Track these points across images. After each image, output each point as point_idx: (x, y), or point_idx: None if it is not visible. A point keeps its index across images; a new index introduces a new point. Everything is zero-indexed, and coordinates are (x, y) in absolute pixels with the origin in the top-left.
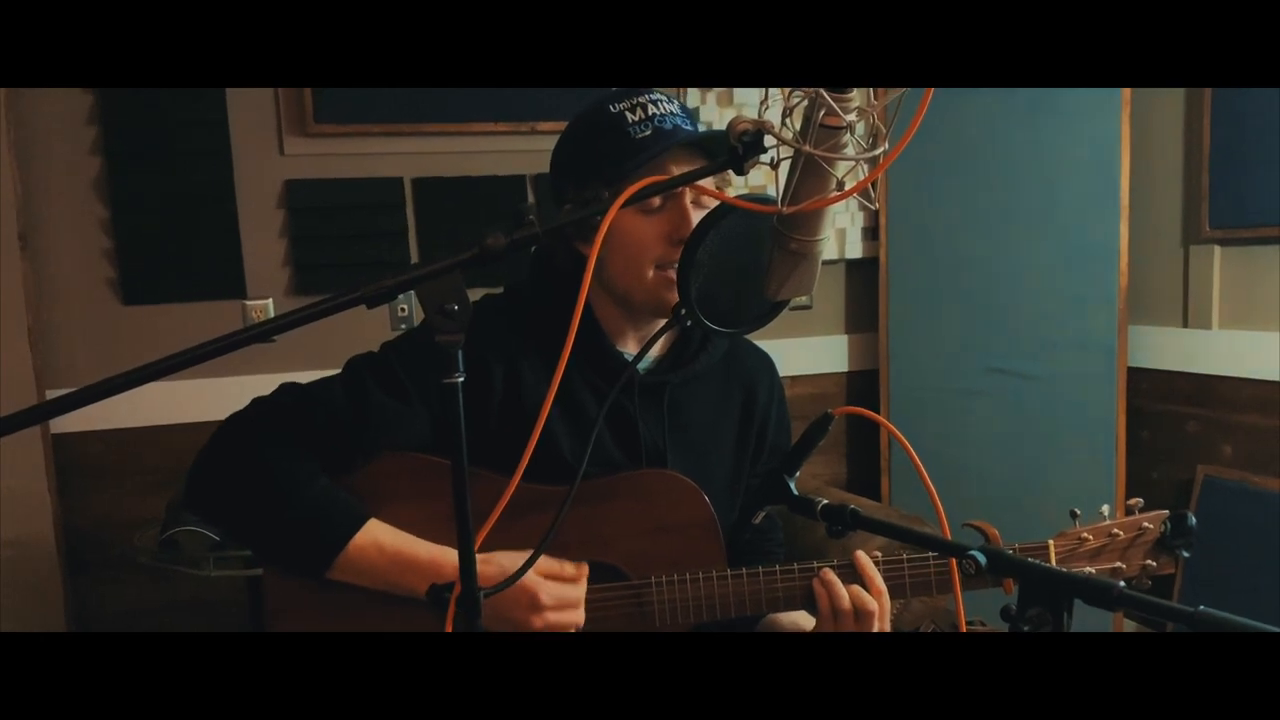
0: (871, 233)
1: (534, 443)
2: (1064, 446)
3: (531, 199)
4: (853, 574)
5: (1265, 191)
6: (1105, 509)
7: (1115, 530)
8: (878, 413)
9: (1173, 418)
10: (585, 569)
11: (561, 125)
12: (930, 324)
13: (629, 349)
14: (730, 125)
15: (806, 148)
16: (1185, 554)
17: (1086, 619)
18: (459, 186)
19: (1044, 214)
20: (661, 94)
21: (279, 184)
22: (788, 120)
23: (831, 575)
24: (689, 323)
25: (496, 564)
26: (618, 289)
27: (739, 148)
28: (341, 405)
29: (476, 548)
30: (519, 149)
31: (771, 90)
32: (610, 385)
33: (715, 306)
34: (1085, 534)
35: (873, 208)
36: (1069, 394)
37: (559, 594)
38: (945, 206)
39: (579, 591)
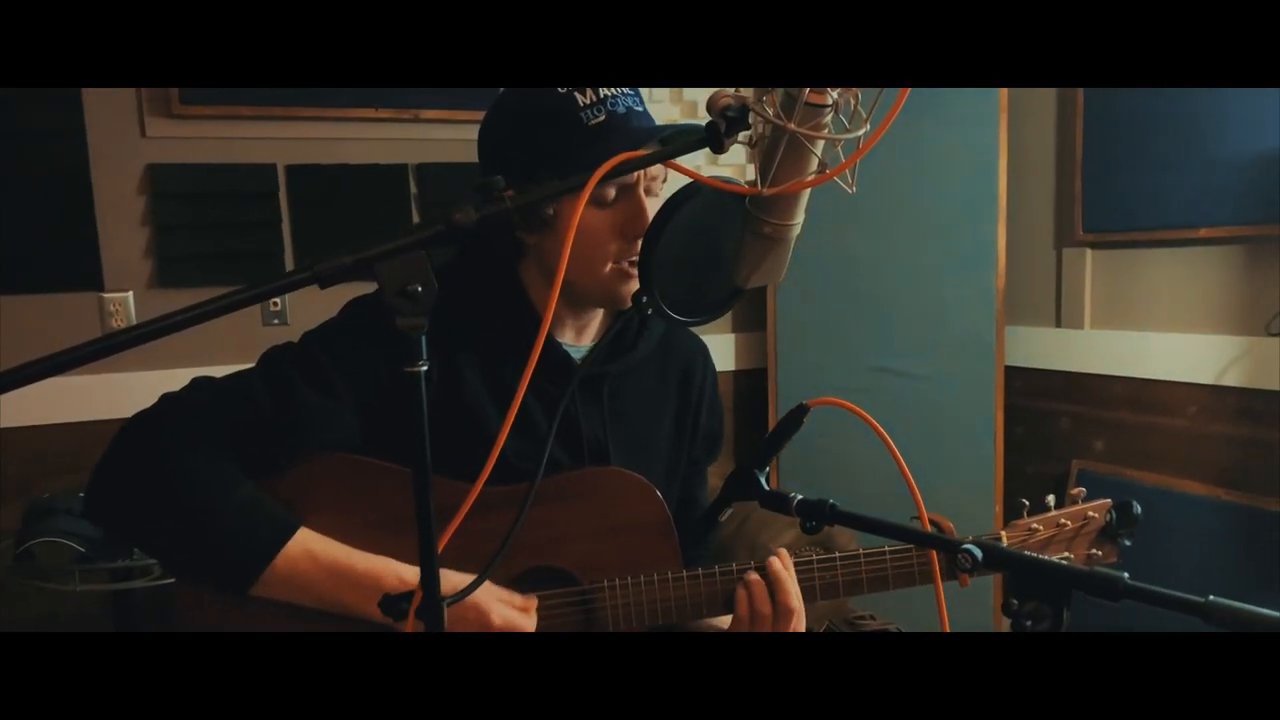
0: None
1: (496, 454)
2: (945, 442)
3: (414, 190)
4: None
5: (1134, 197)
6: (1050, 499)
7: (1063, 520)
8: (766, 412)
9: (1047, 414)
10: (534, 602)
11: (447, 114)
12: (817, 324)
13: (566, 338)
14: (711, 100)
15: (791, 126)
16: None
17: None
18: (337, 175)
19: (926, 217)
20: None
21: (140, 168)
22: (765, 98)
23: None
24: (649, 311)
25: (441, 577)
26: (566, 279)
27: (721, 124)
28: (263, 402)
29: (439, 550)
30: (401, 137)
31: None
32: (548, 377)
33: (676, 295)
34: (1035, 524)
35: (851, 190)
36: (950, 392)
37: (510, 619)
38: (832, 209)
39: (529, 624)
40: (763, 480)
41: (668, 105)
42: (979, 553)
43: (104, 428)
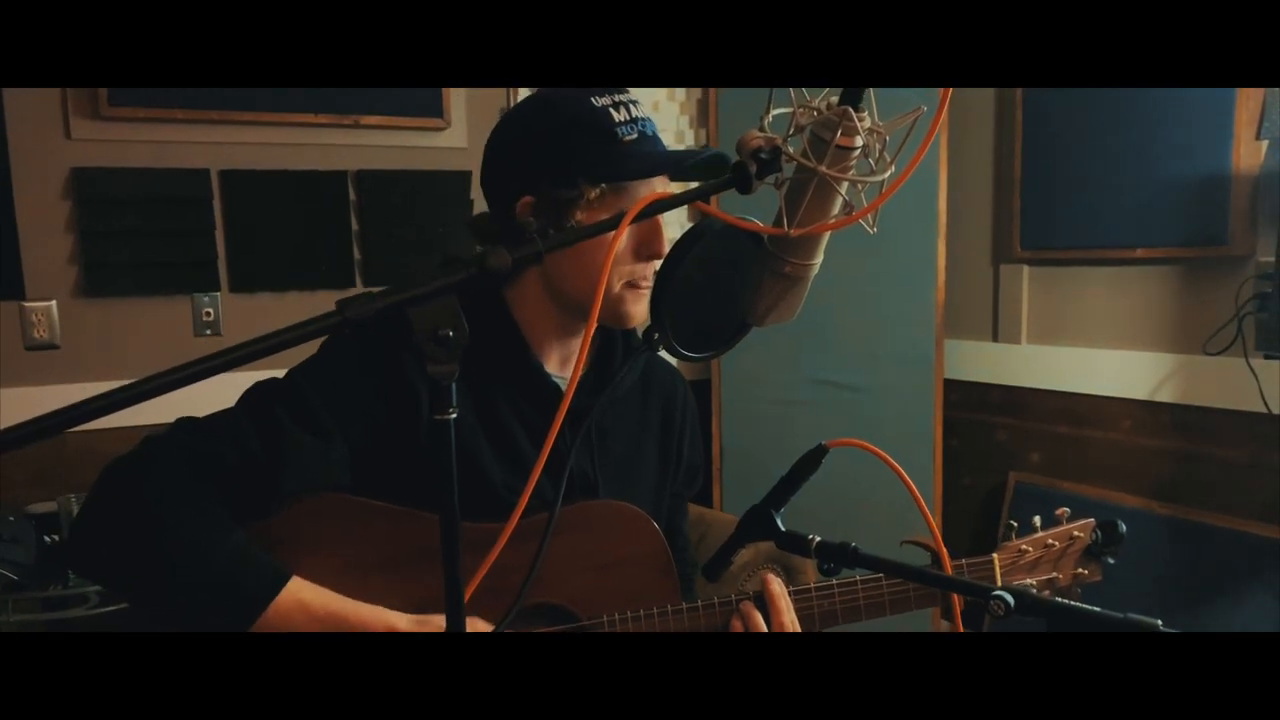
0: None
1: (526, 498)
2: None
3: (353, 197)
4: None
5: (1072, 217)
6: (1037, 520)
7: (1050, 540)
8: (709, 424)
9: (984, 426)
10: None
11: (387, 120)
12: (760, 336)
13: (551, 366)
14: (742, 142)
15: (821, 168)
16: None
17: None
18: (274, 181)
19: (868, 233)
20: (631, 93)
21: (64, 172)
22: (789, 139)
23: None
24: (660, 348)
25: (435, 625)
26: (574, 299)
27: (752, 165)
28: (252, 444)
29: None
30: (341, 143)
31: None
32: (536, 408)
33: (687, 331)
34: (1025, 546)
35: (871, 231)
36: (890, 404)
37: None
38: (774, 223)
39: None
40: (779, 521)
41: None
42: (1011, 600)
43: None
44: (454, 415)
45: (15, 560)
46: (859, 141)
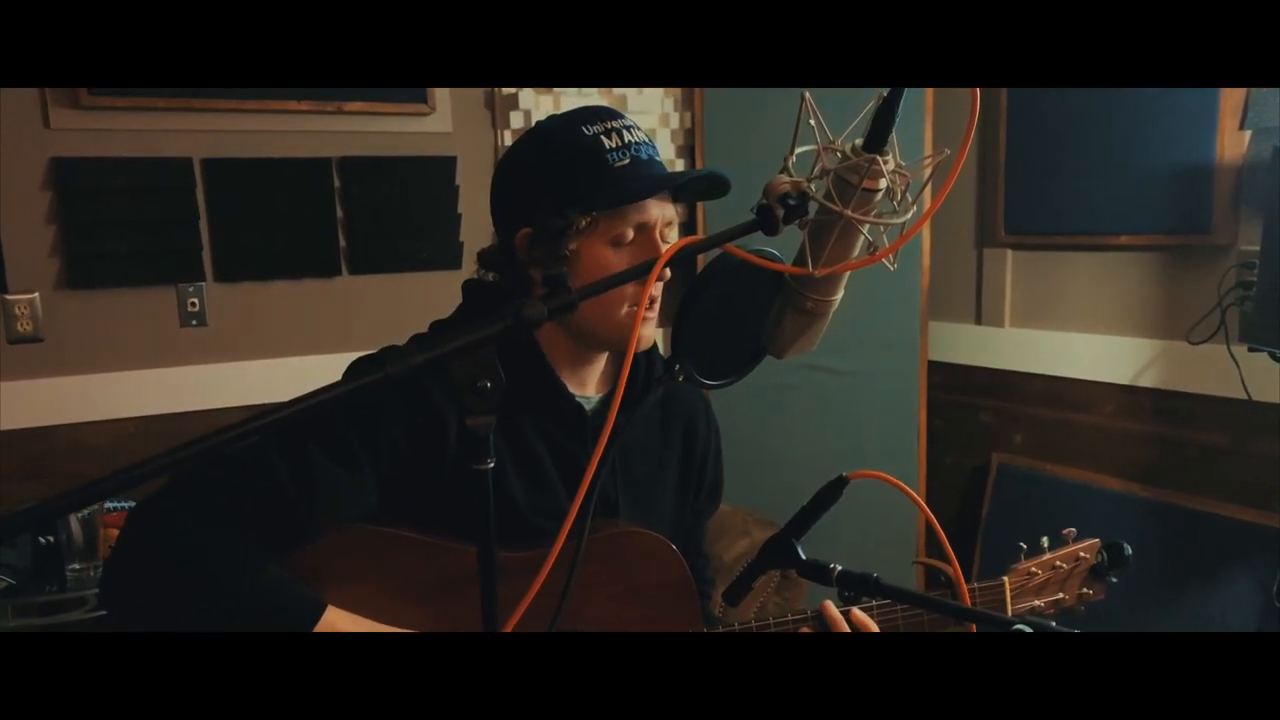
0: (687, 228)
1: (567, 530)
2: (869, 435)
3: (337, 184)
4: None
5: (1056, 203)
6: (1045, 540)
7: (1057, 562)
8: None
9: (967, 408)
10: None
11: (371, 106)
12: None
13: (570, 387)
14: (769, 186)
15: (847, 212)
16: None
17: None
18: (257, 169)
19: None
20: (628, 118)
21: (44, 162)
22: (813, 183)
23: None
24: (680, 378)
25: None
26: (583, 325)
27: (779, 209)
28: (282, 476)
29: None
30: (324, 129)
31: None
32: (560, 427)
33: (706, 362)
34: (1034, 568)
35: (892, 268)
36: (874, 386)
37: None
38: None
39: None
40: (799, 549)
41: (596, 98)
42: (1031, 633)
43: (11, 438)
44: (492, 465)
45: (11, 563)
46: (883, 184)
